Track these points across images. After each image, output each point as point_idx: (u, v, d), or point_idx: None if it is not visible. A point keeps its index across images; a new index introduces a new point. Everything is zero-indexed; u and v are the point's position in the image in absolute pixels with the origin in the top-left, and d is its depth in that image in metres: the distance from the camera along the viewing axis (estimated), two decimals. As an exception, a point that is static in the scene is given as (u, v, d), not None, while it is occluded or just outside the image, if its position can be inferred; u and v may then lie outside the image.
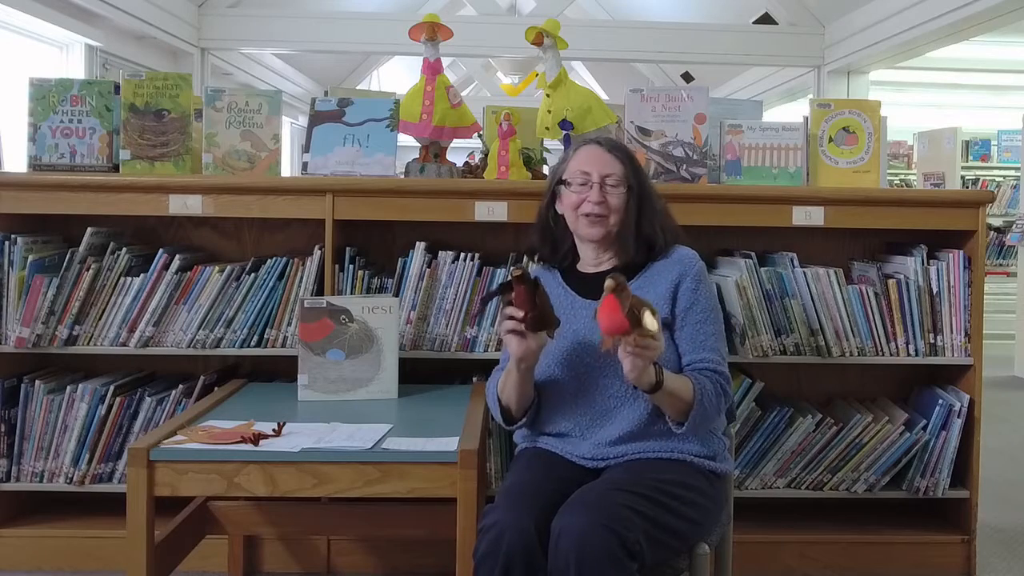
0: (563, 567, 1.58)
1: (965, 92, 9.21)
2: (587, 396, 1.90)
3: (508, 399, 1.91)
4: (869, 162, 2.66)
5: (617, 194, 1.92)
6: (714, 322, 1.92)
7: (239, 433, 1.89)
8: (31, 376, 2.55)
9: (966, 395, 2.57)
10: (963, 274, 2.58)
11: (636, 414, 1.86)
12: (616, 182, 1.92)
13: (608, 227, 1.93)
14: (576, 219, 1.95)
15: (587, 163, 1.94)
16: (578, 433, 1.90)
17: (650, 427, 1.87)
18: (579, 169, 1.94)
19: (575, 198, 1.93)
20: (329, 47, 7.71)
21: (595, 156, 1.95)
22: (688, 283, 1.91)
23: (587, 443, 1.89)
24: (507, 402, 1.92)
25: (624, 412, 1.87)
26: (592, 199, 1.91)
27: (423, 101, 2.58)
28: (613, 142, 2.03)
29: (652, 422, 1.86)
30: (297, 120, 9.80)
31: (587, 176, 1.92)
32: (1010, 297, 6.72)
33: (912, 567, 2.63)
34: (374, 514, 2.38)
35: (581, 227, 1.95)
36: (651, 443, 1.86)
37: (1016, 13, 5.22)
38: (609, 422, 1.88)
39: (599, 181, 1.91)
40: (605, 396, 1.89)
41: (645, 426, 1.86)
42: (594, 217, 1.91)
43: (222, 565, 2.53)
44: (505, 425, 1.97)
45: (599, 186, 1.91)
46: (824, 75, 7.27)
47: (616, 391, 1.88)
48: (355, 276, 2.52)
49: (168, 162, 2.55)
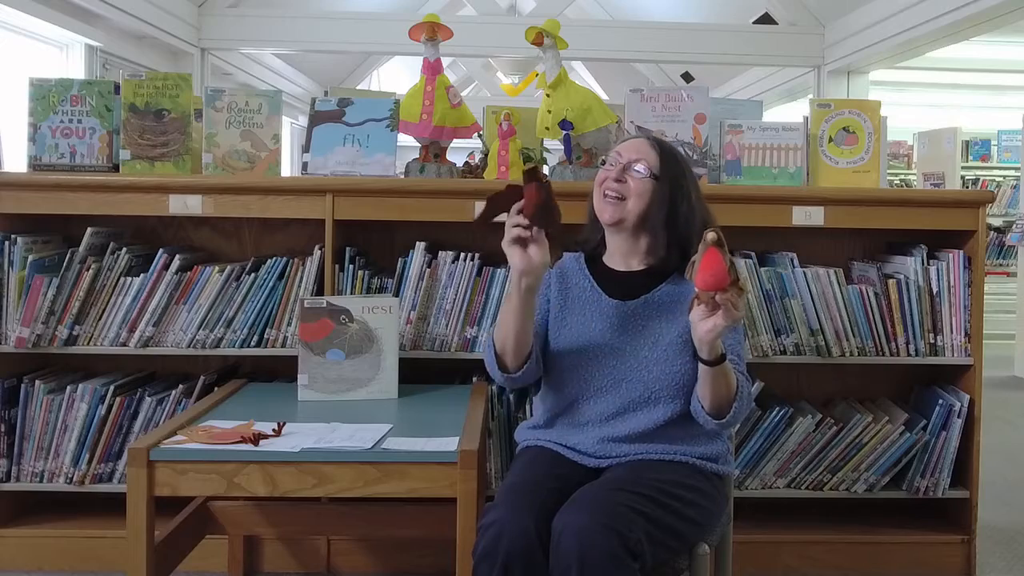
0: (565, 567, 1.57)
1: (965, 92, 9.21)
2: (604, 396, 1.89)
3: (504, 338, 1.84)
4: (869, 162, 2.66)
5: (640, 180, 1.89)
6: (737, 331, 1.91)
7: (239, 433, 1.89)
8: (31, 376, 2.55)
9: (966, 395, 2.57)
10: (963, 274, 2.58)
11: (650, 418, 1.86)
12: (643, 168, 1.90)
13: (624, 212, 1.90)
14: (599, 197, 1.94)
15: (625, 148, 1.95)
16: (588, 429, 1.89)
17: (659, 431, 1.86)
18: (616, 151, 1.95)
19: (601, 175, 1.94)
20: (329, 47, 7.71)
21: (634, 144, 1.96)
22: None
23: (594, 438, 1.88)
24: (502, 343, 1.85)
25: (638, 415, 1.87)
26: (611, 176, 1.91)
27: (423, 101, 2.58)
28: (662, 140, 2.02)
29: (662, 427, 1.86)
30: (297, 120, 9.80)
31: (619, 157, 1.93)
32: (1010, 297, 6.72)
33: (912, 567, 2.63)
34: (374, 514, 2.38)
35: (599, 206, 1.94)
36: (656, 445, 1.86)
37: (1016, 13, 5.22)
38: (622, 421, 1.88)
39: (625, 163, 1.91)
40: (623, 399, 1.88)
41: (655, 430, 1.86)
42: (610, 197, 1.91)
43: (222, 565, 2.53)
44: (500, 376, 1.89)
45: (623, 167, 1.91)
46: (824, 75, 7.27)
47: (635, 396, 1.87)
48: (355, 276, 2.52)
49: (168, 162, 2.55)
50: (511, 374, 1.89)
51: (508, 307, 1.82)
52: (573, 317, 1.93)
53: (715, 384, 1.75)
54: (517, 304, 1.79)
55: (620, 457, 1.86)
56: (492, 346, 1.89)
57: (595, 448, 1.88)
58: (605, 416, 1.89)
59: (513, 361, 1.87)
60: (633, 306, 1.91)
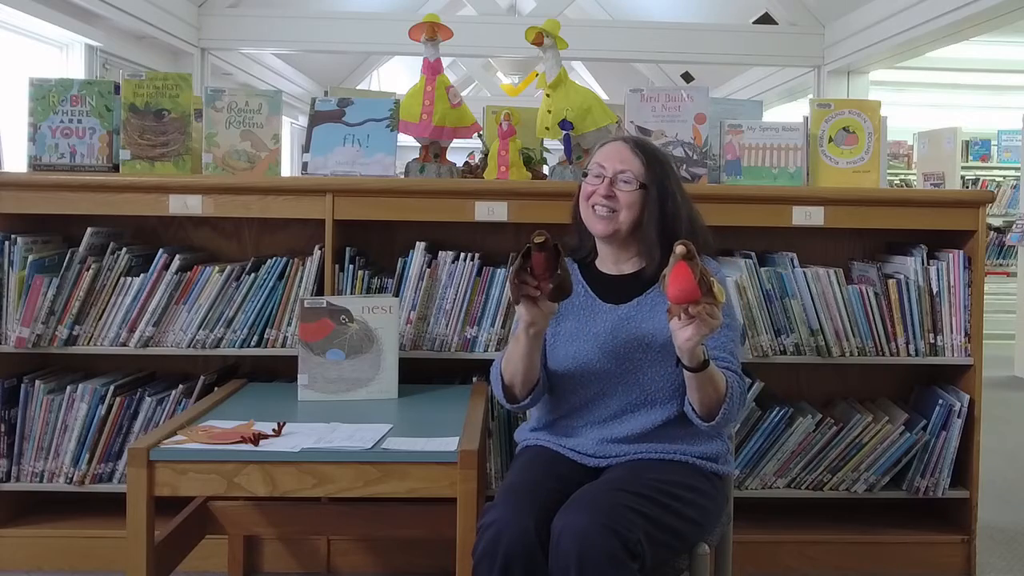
0: (564, 567, 1.58)
1: (965, 92, 9.21)
2: (602, 400, 1.89)
3: (513, 373, 1.86)
4: (869, 162, 2.66)
5: (628, 191, 1.89)
6: (731, 328, 1.91)
7: (239, 433, 1.89)
8: (31, 376, 2.54)
9: (966, 395, 2.57)
10: (963, 274, 2.58)
11: (649, 419, 1.86)
12: (629, 179, 1.89)
13: (617, 224, 1.90)
14: (588, 212, 1.93)
15: (606, 157, 1.93)
16: (587, 430, 1.90)
17: (658, 431, 1.86)
18: (597, 162, 1.93)
19: (588, 189, 1.92)
20: (329, 47, 7.71)
21: (616, 151, 1.93)
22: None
23: (593, 439, 1.88)
24: (511, 377, 1.87)
25: (636, 417, 1.87)
26: (600, 192, 1.90)
27: (423, 101, 2.58)
28: (641, 141, 2.01)
29: (661, 428, 1.86)
30: (297, 120, 9.80)
31: (602, 169, 1.91)
32: (1010, 297, 6.72)
33: (912, 567, 2.63)
34: (374, 514, 2.38)
35: (589, 219, 1.93)
36: (655, 445, 1.86)
37: (1016, 13, 5.22)
38: (620, 423, 1.88)
39: (611, 176, 1.90)
40: (620, 402, 1.88)
41: (654, 430, 1.86)
42: (601, 211, 1.90)
43: (222, 565, 2.53)
44: (507, 403, 1.92)
45: (610, 181, 1.90)
46: (824, 75, 7.27)
47: (633, 399, 1.87)
48: (355, 276, 2.52)
49: (168, 162, 2.55)
50: (520, 402, 1.92)
51: (516, 348, 1.84)
52: (569, 323, 1.93)
53: (702, 389, 1.75)
54: (526, 346, 1.82)
55: (619, 456, 1.86)
56: (500, 378, 1.91)
57: (594, 448, 1.88)
58: (603, 419, 1.89)
59: (522, 391, 1.90)
60: (626, 309, 1.91)
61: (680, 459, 1.85)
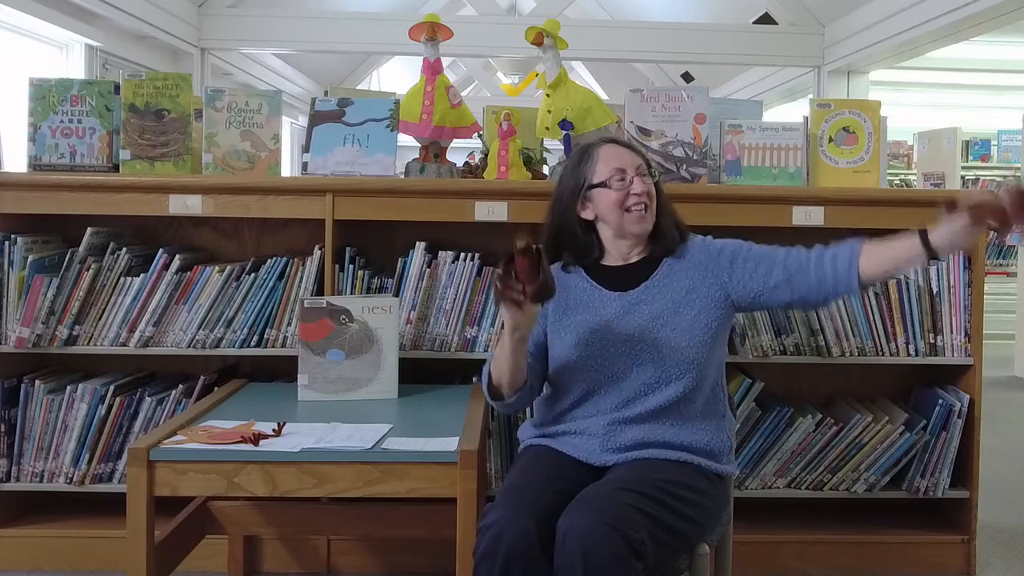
0: (570, 567, 1.58)
1: (965, 92, 9.21)
2: (614, 384, 1.89)
3: (499, 373, 1.89)
4: (869, 162, 2.66)
5: (650, 183, 1.95)
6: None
7: (239, 433, 1.89)
8: (31, 376, 2.55)
9: (966, 395, 2.57)
10: (963, 274, 2.58)
11: (664, 396, 1.87)
12: (644, 171, 1.94)
13: (653, 216, 1.95)
14: (621, 217, 1.93)
15: (617, 160, 1.94)
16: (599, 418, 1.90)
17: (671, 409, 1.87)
18: (613, 167, 1.93)
19: (616, 195, 1.92)
20: (329, 47, 7.70)
21: (620, 153, 1.96)
22: (725, 248, 1.98)
23: (603, 422, 1.88)
24: (498, 376, 1.90)
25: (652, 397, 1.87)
26: (636, 189, 1.91)
27: (423, 101, 2.58)
28: (621, 140, 2.05)
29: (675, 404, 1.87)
30: (297, 120, 9.80)
31: (623, 172, 1.92)
32: (1010, 297, 6.71)
33: (912, 567, 2.63)
34: (374, 514, 2.38)
35: (629, 223, 1.93)
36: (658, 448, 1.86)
37: (1016, 13, 5.21)
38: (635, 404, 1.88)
39: (635, 173, 1.93)
40: (635, 383, 1.88)
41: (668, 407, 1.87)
42: (640, 211, 1.92)
43: (222, 565, 2.53)
44: (492, 401, 1.95)
45: (638, 177, 1.92)
46: (824, 75, 7.27)
47: (647, 377, 1.88)
48: (355, 276, 2.52)
49: (168, 162, 2.55)
50: (505, 400, 1.94)
51: (501, 351, 1.86)
52: (576, 316, 1.94)
53: (891, 266, 1.92)
54: (510, 350, 1.84)
55: (624, 452, 1.86)
56: (488, 377, 1.93)
57: (602, 439, 1.87)
58: (618, 403, 1.89)
59: (508, 390, 1.92)
60: (635, 294, 1.93)
61: (683, 459, 1.86)
